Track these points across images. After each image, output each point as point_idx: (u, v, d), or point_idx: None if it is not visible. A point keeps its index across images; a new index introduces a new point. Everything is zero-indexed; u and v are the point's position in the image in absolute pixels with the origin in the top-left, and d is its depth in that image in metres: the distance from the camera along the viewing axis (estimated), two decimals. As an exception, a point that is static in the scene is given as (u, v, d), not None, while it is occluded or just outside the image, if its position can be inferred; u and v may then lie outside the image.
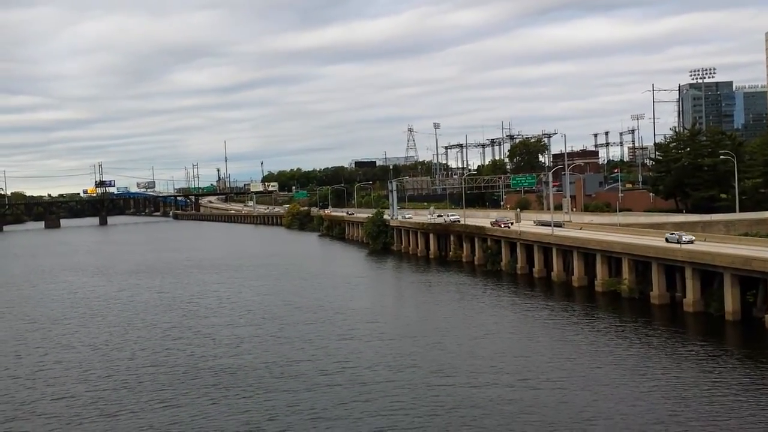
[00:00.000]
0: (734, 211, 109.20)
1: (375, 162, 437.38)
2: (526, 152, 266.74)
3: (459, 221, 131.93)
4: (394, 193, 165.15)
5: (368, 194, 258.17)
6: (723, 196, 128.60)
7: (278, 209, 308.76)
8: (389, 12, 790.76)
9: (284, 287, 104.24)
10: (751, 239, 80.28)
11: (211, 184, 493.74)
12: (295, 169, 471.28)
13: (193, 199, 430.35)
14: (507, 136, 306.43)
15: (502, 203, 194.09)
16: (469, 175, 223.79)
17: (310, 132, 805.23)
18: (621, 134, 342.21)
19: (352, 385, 51.71)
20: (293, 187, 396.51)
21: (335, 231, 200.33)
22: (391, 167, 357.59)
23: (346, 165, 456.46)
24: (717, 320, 66.81)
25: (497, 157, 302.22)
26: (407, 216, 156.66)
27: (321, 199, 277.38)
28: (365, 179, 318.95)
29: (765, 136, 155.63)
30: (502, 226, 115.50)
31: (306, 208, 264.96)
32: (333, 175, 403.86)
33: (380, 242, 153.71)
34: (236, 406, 48.04)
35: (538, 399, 47.00)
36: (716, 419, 41.82)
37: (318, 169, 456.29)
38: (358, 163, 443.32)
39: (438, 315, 78.81)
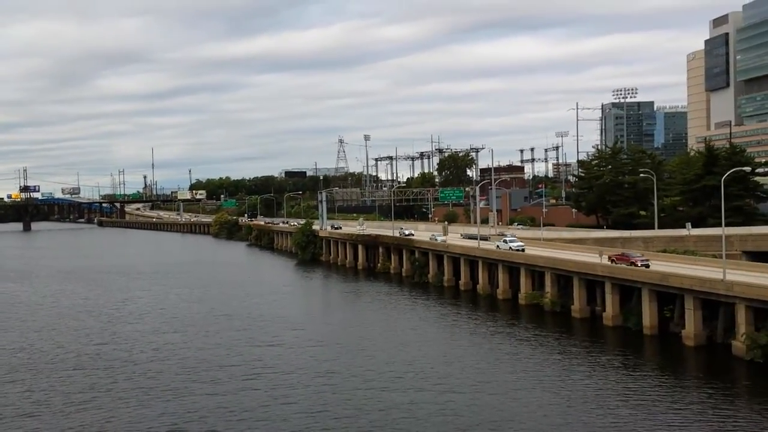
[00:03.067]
0: (653, 228, 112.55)
1: (305, 172, 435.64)
2: (455, 166, 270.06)
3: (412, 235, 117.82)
4: (324, 203, 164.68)
5: (298, 204, 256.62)
6: (642, 213, 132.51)
7: (170, 217, 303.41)
8: (320, 24, 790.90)
9: (210, 295, 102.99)
10: (669, 256, 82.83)
11: (137, 191, 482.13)
12: (223, 178, 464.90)
13: (119, 206, 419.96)
14: (436, 149, 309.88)
15: (430, 216, 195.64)
16: (398, 188, 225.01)
17: (240, 141, 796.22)
18: (546, 151, 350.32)
19: (273, 388, 52.73)
20: (222, 196, 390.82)
21: (264, 240, 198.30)
22: (321, 178, 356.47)
23: (276, 174, 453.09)
24: (635, 334, 68.62)
25: (426, 170, 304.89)
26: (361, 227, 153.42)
27: (250, 209, 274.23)
28: (295, 189, 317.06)
29: (684, 156, 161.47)
30: (639, 264, 72.79)
31: (234, 217, 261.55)
32: (262, 185, 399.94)
33: (309, 252, 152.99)
34: (157, 408, 48.83)
35: (455, 402, 48.39)
36: (631, 426, 42.93)
37: (247, 178, 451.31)
38: (288, 173, 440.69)
39: (363, 323, 79.67)
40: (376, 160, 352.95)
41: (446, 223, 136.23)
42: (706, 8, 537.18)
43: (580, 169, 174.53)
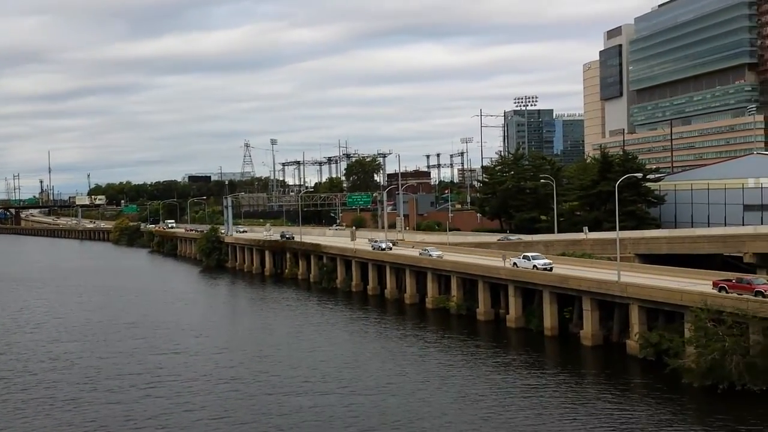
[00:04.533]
0: (553, 232, 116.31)
1: (210, 177, 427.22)
2: (362, 171, 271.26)
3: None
4: (230, 209, 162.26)
5: (202, 210, 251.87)
6: (543, 217, 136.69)
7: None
8: (227, 25, 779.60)
9: (110, 303, 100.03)
10: (568, 259, 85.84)
11: (34, 197, 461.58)
12: (124, 183, 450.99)
13: (13, 212, 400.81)
14: (344, 154, 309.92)
15: (338, 221, 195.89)
16: (305, 193, 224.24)
17: (142, 144, 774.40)
18: (452, 156, 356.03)
19: (176, 395, 52.40)
20: (122, 201, 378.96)
21: (167, 247, 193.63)
22: (226, 182, 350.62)
23: (179, 179, 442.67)
24: (537, 335, 70.87)
25: (334, 175, 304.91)
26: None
27: (152, 214, 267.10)
28: (199, 194, 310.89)
29: (581, 162, 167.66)
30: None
31: (136, 222, 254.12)
32: (165, 190, 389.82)
33: (214, 259, 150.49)
34: (56, 418, 47.78)
35: (361, 405, 49.31)
36: (533, 422, 44.45)
37: (149, 183, 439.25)
38: (192, 178, 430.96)
39: (270, 329, 79.42)
40: (283, 164, 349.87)
41: (354, 228, 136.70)
42: (602, 20, 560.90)
43: (484, 175, 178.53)
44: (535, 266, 74.01)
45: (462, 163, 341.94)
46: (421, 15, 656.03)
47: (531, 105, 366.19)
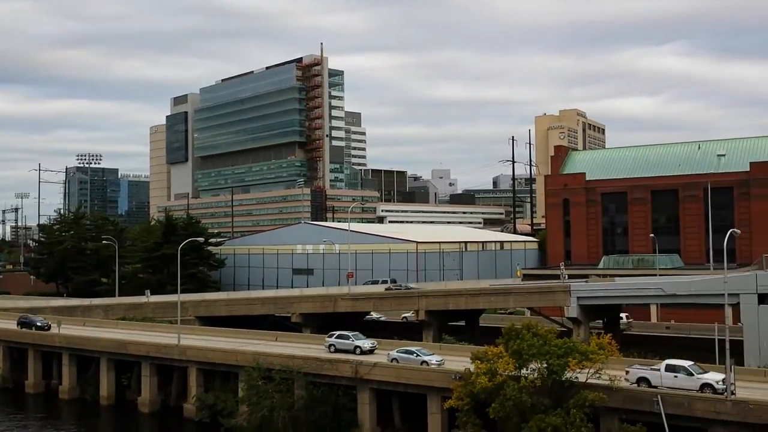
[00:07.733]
0: (114, 295, 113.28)
1: None
2: None
3: None
4: None
5: None
6: (104, 280, 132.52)
7: None
8: None
9: None
10: (128, 323, 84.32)
11: None
12: None
13: None
14: None
15: None
16: None
17: None
18: (4, 212, 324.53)
19: None
20: None
21: None
22: None
23: None
24: (93, 405, 68.18)
25: None
26: None
27: None
28: None
29: (145, 224, 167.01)
30: None
31: None
32: None
33: None
34: None
35: None
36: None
37: None
38: None
39: None
40: None
41: None
42: (170, 86, 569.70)
43: (40, 234, 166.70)
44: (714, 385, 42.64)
45: (16, 220, 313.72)
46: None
47: (95, 163, 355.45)
